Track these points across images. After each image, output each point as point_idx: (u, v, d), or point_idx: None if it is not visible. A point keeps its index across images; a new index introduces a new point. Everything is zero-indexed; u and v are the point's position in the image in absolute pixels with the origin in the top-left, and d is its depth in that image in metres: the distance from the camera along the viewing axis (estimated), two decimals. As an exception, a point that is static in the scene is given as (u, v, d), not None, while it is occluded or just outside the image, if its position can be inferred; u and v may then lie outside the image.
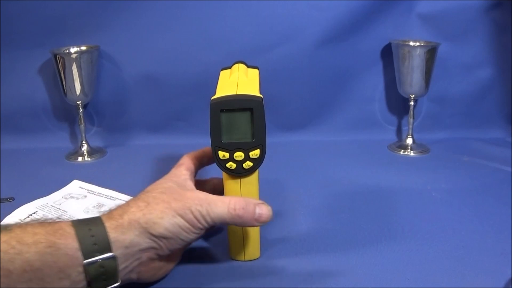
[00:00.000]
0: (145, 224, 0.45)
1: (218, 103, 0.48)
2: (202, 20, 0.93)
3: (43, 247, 0.40)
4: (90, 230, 0.43)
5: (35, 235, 0.41)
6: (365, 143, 0.97)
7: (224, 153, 0.49)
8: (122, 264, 0.44)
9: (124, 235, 0.44)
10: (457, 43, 0.96)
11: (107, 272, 0.43)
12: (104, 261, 0.42)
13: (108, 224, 0.44)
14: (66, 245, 0.41)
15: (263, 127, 0.48)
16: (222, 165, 0.49)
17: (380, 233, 0.61)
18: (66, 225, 0.43)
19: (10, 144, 0.95)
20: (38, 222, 0.43)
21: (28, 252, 0.40)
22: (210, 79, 0.95)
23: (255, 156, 0.49)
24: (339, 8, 0.92)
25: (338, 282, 0.51)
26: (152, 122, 0.99)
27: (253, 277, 0.52)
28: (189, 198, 0.47)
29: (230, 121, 0.48)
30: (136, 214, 0.45)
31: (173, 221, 0.45)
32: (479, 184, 0.76)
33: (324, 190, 0.75)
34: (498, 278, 0.51)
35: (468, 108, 1.00)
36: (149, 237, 0.45)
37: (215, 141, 0.48)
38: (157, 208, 0.46)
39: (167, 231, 0.45)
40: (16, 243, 0.40)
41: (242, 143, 0.48)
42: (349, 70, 0.98)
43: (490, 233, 0.61)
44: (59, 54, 0.87)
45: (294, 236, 0.61)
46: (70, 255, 0.41)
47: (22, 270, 0.39)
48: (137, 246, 0.45)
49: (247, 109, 0.47)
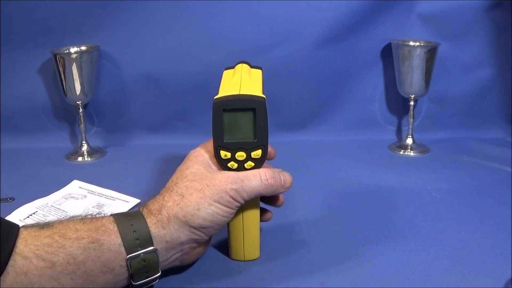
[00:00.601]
0: (183, 218, 0.46)
1: (221, 103, 0.48)
2: (202, 20, 0.93)
3: (86, 242, 0.42)
4: (132, 226, 0.44)
5: (77, 231, 0.42)
6: (365, 143, 0.97)
7: (226, 153, 0.49)
8: (163, 256, 0.46)
9: (164, 230, 0.45)
10: (457, 43, 0.96)
11: (148, 265, 0.45)
12: (146, 255, 0.44)
13: (149, 220, 0.45)
14: (109, 241, 0.43)
15: (266, 127, 0.48)
16: (223, 165, 0.49)
17: (380, 233, 0.61)
18: (107, 222, 0.45)
19: (10, 144, 0.95)
20: (79, 219, 0.45)
21: (71, 246, 0.41)
22: (210, 79, 0.96)
23: (257, 156, 0.49)
24: (339, 8, 0.92)
25: (338, 282, 0.51)
26: (152, 122, 0.99)
27: (253, 277, 0.52)
28: (221, 179, 0.48)
29: (233, 120, 0.48)
30: (173, 209, 0.46)
31: (210, 210, 0.46)
32: (479, 184, 0.76)
33: (324, 190, 0.75)
34: (498, 278, 0.51)
35: (468, 108, 1.00)
36: (188, 229, 0.46)
37: (217, 141, 0.49)
38: (192, 199, 0.46)
39: (206, 221, 0.46)
40: (59, 238, 0.41)
41: (244, 143, 0.48)
42: (349, 70, 0.98)
43: (490, 233, 0.61)
44: (59, 54, 0.87)
45: (294, 236, 0.61)
46: (113, 250, 0.43)
47: (65, 263, 0.40)
48: (177, 240, 0.46)
49: (250, 109, 0.47)
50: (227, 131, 0.48)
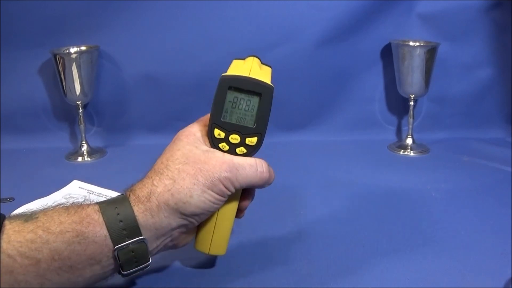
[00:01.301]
0: (175, 205, 0.44)
1: (228, 79, 0.46)
2: (202, 20, 0.93)
3: (70, 236, 0.40)
4: (118, 215, 0.42)
5: (61, 224, 0.41)
6: (365, 143, 0.97)
7: (220, 132, 0.47)
8: (153, 244, 0.45)
9: (153, 218, 0.43)
10: (457, 43, 0.96)
11: (137, 255, 0.43)
12: (134, 245, 0.42)
13: (137, 208, 0.43)
14: (94, 233, 0.41)
15: (267, 116, 0.47)
16: (215, 144, 0.48)
17: (379, 233, 0.61)
18: (92, 211, 0.42)
19: (10, 144, 0.95)
20: (63, 208, 0.43)
21: (55, 241, 0.40)
22: (210, 79, 0.95)
23: (251, 143, 0.47)
24: (339, 8, 0.92)
25: (338, 282, 0.51)
26: (152, 122, 0.99)
27: (253, 276, 0.52)
28: (215, 165, 0.45)
29: (236, 101, 0.46)
30: (164, 196, 0.44)
31: (203, 197, 0.44)
32: (479, 184, 0.76)
33: (324, 190, 0.75)
34: (498, 278, 0.51)
35: (468, 108, 1.00)
36: (179, 216, 0.44)
37: (214, 118, 0.47)
38: (184, 185, 0.44)
39: (198, 208, 0.45)
40: (43, 232, 0.40)
41: (242, 127, 0.47)
42: (349, 70, 0.98)
43: (490, 233, 0.61)
44: (59, 54, 0.87)
45: (293, 236, 0.61)
46: (99, 242, 0.41)
47: (50, 259, 0.39)
48: (167, 227, 0.44)
49: (256, 93, 0.46)
50: (227, 110, 0.47)
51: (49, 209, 0.43)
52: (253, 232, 0.61)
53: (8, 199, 0.71)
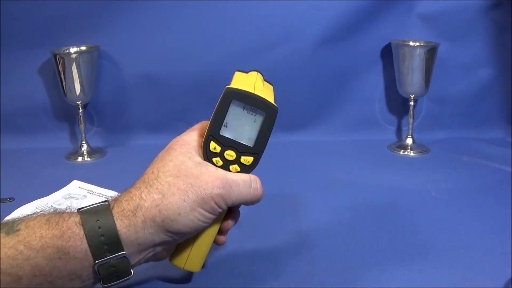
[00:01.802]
0: (162, 222, 0.42)
1: (233, 92, 0.44)
2: (202, 20, 0.93)
3: (51, 252, 0.39)
4: (99, 229, 0.41)
5: (42, 238, 0.40)
6: (365, 143, 0.97)
7: (216, 146, 0.45)
8: (135, 259, 0.43)
9: (137, 233, 0.42)
10: (457, 43, 0.96)
11: (118, 270, 0.42)
12: (115, 260, 0.41)
13: (120, 222, 0.42)
14: (74, 248, 0.40)
15: (267, 137, 0.45)
16: (208, 158, 0.45)
17: (379, 233, 0.61)
18: (73, 224, 0.41)
19: (10, 144, 0.95)
20: (45, 218, 0.41)
21: (36, 257, 0.39)
22: (210, 79, 0.96)
23: (246, 162, 0.45)
24: (339, 8, 0.92)
25: (338, 282, 0.51)
26: (152, 122, 0.99)
27: (253, 276, 0.52)
28: (207, 181, 0.43)
29: (237, 116, 0.44)
30: (151, 211, 0.42)
31: (192, 216, 0.43)
32: (479, 184, 0.76)
33: (324, 190, 0.75)
34: (498, 278, 0.51)
35: (468, 108, 1.00)
36: (164, 233, 0.43)
37: (212, 130, 0.45)
38: (174, 201, 0.42)
39: (185, 227, 0.43)
40: (24, 248, 0.39)
41: (239, 144, 0.45)
42: (349, 70, 0.98)
43: (490, 233, 0.61)
44: (59, 54, 0.87)
45: (293, 236, 0.61)
46: (79, 258, 0.40)
47: (32, 275, 0.39)
48: (151, 243, 0.43)
49: (261, 112, 0.45)
50: (226, 124, 0.45)
51: (31, 219, 0.41)
52: (253, 232, 0.61)
53: (8, 199, 0.71)
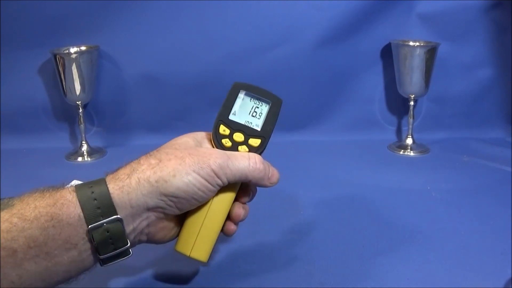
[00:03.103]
0: (155, 183, 0.42)
1: (241, 84, 0.49)
2: (202, 20, 0.93)
3: (44, 220, 0.39)
4: (92, 194, 0.41)
5: (35, 209, 0.40)
6: (365, 143, 0.97)
7: (225, 128, 0.48)
8: (129, 225, 0.43)
9: (129, 195, 0.42)
10: (457, 43, 0.96)
11: (113, 236, 0.41)
12: (109, 224, 0.41)
13: (113, 185, 0.42)
14: (68, 214, 0.40)
15: (273, 125, 0.49)
16: (218, 140, 0.47)
17: (379, 233, 0.61)
18: (67, 192, 0.41)
19: (10, 144, 0.95)
20: (39, 192, 0.42)
21: (30, 228, 0.39)
22: (210, 79, 0.96)
23: (254, 144, 0.48)
24: (339, 8, 0.92)
25: (338, 282, 0.51)
26: (152, 122, 0.99)
27: (253, 276, 0.52)
28: (205, 152, 0.45)
29: (246, 103, 0.49)
30: (146, 172, 0.42)
31: (187, 179, 0.42)
32: (479, 184, 0.76)
33: (324, 190, 0.75)
34: (498, 278, 0.51)
35: (468, 108, 1.00)
36: (158, 196, 0.42)
37: (222, 115, 0.48)
38: (169, 164, 0.43)
39: (180, 190, 0.42)
40: (18, 220, 0.39)
41: (247, 127, 0.48)
42: (349, 70, 0.98)
43: (490, 233, 0.61)
44: (59, 54, 0.87)
45: (294, 236, 0.61)
46: (72, 224, 0.40)
47: (26, 247, 0.38)
48: (143, 205, 0.42)
49: (267, 102, 0.49)
50: (235, 112, 0.48)
51: (25, 195, 0.41)
52: (253, 232, 0.61)
53: (8, 199, 0.71)
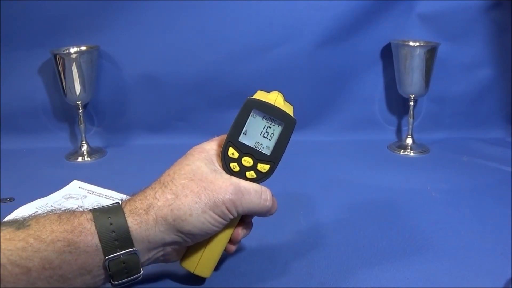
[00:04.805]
0: (173, 222, 0.43)
1: (254, 102, 0.46)
2: (202, 20, 0.93)
3: (61, 245, 0.40)
4: (111, 225, 0.42)
5: (52, 233, 0.40)
6: (365, 143, 0.97)
7: (234, 151, 0.47)
8: (145, 256, 0.44)
9: (148, 231, 0.43)
10: (457, 43, 0.96)
11: (128, 266, 0.42)
12: (125, 256, 0.42)
13: (131, 220, 0.43)
14: (85, 242, 0.41)
15: (284, 148, 0.47)
16: (226, 163, 0.47)
17: (379, 233, 0.61)
18: (85, 220, 0.42)
19: (10, 144, 0.95)
20: (56, 215, 0.42)
21: (46, 250, 0.39)
22: (210, 79, 0.96)
23: (263, 170, 0.47)
24: (339, 8, 0.92)
25: (338, 282, 0.51)
26: (152, 122, 0.99)
27: (253, 276, 0.52)
28: (221, 186, 0.45)
29: (257, 124, 0.47)
30: (163, 210, 0.43)
31: (203, 218, 0.44)
32: (479, 184, 0.76)
33: (324, 190, 0.75)
34: (498, 278, 0.51)
35: (468, 108, 1.00)
36: (175, 233, 0.44)
37: (232, 136, 0.47)
38: (186, 202, 0.43)
39: (196, 228, 0.44)
40: (34, 241, 0.39)
41: (257, 151, 0.47)
42: (349, 70, 0.98)
43: (490, 233, 0.61)
44: (59, 54, 0.87)
45: (293, 236, 0.61)
46: (89, 252, 0.41)
47: (41, 268, 0.39)
48: (161, 241, 0.44)
49: (279, 123, 0.47)
50: (246, 132, 0.47)
51: (41, 216, 0.42)
52: (253, 232, 0.61)
53: (8, 199, 0.71)
